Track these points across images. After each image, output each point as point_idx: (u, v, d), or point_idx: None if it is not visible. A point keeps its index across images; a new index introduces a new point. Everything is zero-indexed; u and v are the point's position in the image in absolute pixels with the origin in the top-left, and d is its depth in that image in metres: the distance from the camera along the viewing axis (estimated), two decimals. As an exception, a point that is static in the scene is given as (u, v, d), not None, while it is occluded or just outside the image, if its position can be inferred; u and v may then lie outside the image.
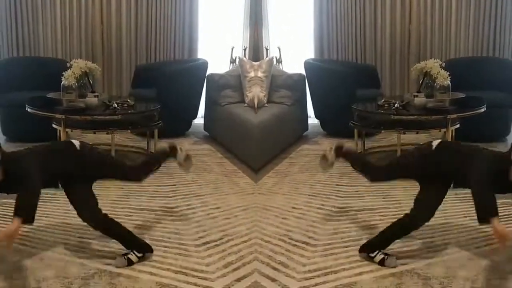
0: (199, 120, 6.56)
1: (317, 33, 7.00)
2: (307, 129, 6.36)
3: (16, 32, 6.80)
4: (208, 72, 6.26)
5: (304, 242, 3.62)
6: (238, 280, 3.15)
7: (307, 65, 6.33)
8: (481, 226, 3.79)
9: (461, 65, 6.40)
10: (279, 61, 6.48)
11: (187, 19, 6.94)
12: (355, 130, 5.45)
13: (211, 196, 4.47)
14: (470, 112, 5.16)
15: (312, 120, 6.55)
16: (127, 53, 6.97)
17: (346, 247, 3.56)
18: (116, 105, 5.24)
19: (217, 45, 7.04)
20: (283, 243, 3.61)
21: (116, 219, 3.52)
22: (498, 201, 4.23)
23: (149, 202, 4.31)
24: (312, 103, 6.42)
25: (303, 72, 6.27)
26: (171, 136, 5.99)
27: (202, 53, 7.03)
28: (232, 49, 6.53)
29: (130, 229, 3.58)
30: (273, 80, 6.01)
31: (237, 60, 6.22)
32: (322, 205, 4.26)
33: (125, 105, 5.33)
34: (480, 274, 3.22)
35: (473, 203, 3.14)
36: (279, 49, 6.59)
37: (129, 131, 5.43)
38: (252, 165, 5.15)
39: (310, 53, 6.99)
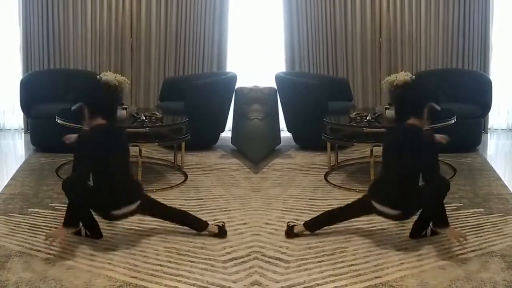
0: (226, 134, 6.48)
1: (287, 46, 7.01)
2: (280, 143, 6.32)
3: (47, 45, 6.83)
4: (237, 85, 6.23)
5: (277, 258, 3.58)
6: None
7: (278, 78, 6.31)
8: (452, 236, 3.82)
9: (432, 77, 6.44)
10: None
11: (216, 32, 6.93)
12: (328, 143, 5.44)
13: (239, 212, 4.41)
14: (441, 124, 5.18)
15: (285, 133, 6.53)
16: (156, 65, 6.96)
17: (320, 262, 3.52)
18: (144, 118, 5.21)
19: (246, 58, 7.03)
20: (256, 261, 3.55)
21: (141, 233, 3.88)
22: (470, 211, 4.29)
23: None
24: (284, 116, 6.39)
25: (274, 85, 6.26)
26: (198, 149, 5.96)
27: (231, 66, 6.99)
28: None
29: (155, 242, 3.77)
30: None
31: None
32: (296, 220, 4.21)
33: (153, 117, 5.29)
34: (453, 284, 3.21)
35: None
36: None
37: (156, 143, 5.41)
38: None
39: (281, 67, 6.99)
